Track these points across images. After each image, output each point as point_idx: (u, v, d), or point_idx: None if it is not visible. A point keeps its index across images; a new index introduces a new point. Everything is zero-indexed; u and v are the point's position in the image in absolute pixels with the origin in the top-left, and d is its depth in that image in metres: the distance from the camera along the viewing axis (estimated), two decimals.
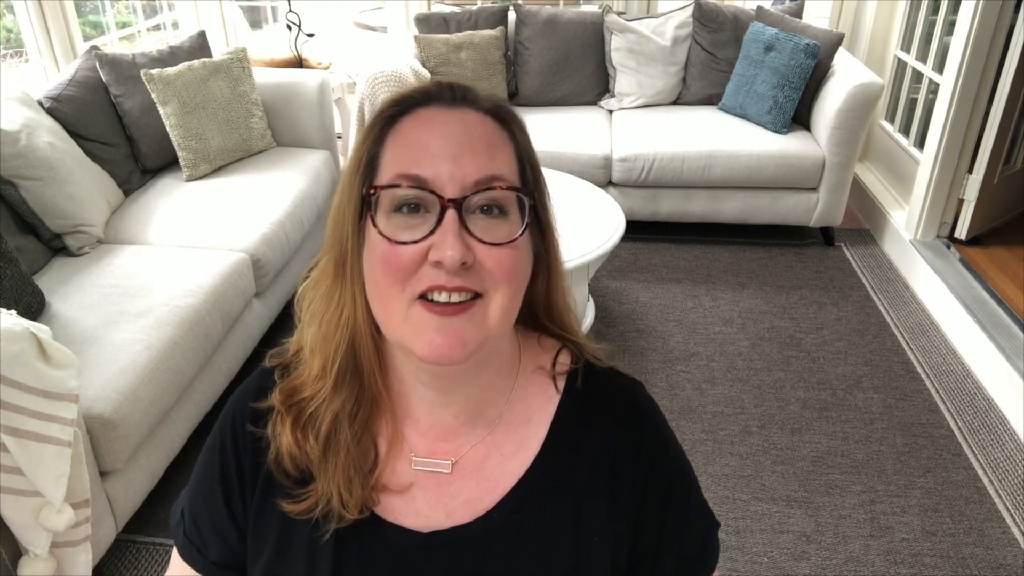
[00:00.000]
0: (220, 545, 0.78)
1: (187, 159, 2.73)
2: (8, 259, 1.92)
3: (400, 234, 0.64)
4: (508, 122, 0.70)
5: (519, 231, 0.66)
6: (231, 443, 0.77)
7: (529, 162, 0.71)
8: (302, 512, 0.73)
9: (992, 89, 2.84)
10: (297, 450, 0.72)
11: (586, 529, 0.74)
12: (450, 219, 0.63)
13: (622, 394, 0.78)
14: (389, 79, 3.16)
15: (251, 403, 0.77)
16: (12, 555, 1.57)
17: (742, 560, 1.88)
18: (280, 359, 0.79)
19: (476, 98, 0.70)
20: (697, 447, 2.23)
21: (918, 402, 2.42)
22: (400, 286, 0.64)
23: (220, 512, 0.78)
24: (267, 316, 2.53)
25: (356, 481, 0.72)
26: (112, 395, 1.73)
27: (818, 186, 3.24)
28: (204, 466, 0.80)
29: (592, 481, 0.74)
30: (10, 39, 3.48)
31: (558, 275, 0.77)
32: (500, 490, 0.74)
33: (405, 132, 0.67)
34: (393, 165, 0.66)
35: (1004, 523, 1.98)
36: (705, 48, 3.55)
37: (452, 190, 0.63)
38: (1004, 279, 2.81)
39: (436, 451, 0.74)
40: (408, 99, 0.69)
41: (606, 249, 2.36)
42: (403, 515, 0.74)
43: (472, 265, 0.63)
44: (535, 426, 0.76)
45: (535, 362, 0.78)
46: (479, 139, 0.66)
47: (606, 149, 3.23)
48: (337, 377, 0.72)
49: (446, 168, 0.64)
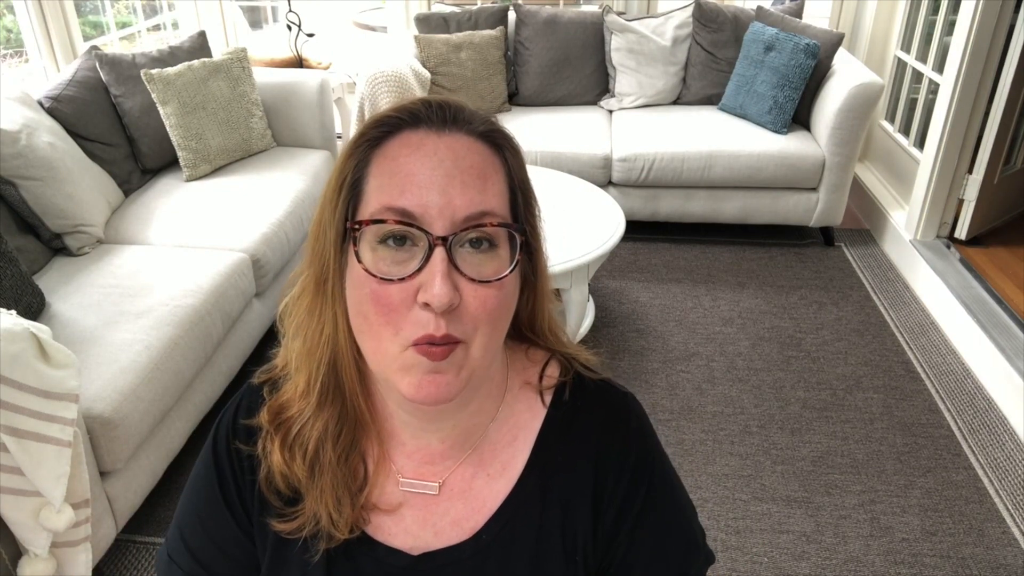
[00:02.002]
0: (227, 564, 0.78)
1: (187, 159, 2.73)
2: (8, 259, 1.92)
3: (387, 269, 0.61)
4: (501, 146, 0.67)
5: (508, 268, 0.63)
6: (226, 460, 0.76)
7: (521, 187, 0.68)
8: (293, 531, 0.72)
9: (992, 89, 2.84)
10: (287, 469, 0.72)
11: (572, 544, 0.74)
12: (438, 258, 0.60)
13: (610, 407, 0.77)
14: (389, 79, 3.16)
15: (241, 420, 0.76)
16: (12, 555, 1.57)
17: (742, 560, 1.88)
18: (268, 375, 0.77)
19: (468, 119, 0.66)
20: (697, 447, 2.23)
21: (918, 402, 2.42)
22: (392, 328, 0.61)
23: (227, 527, 0.77)
24: (267, 316, 2.53)
25: (345, 501, 0.71)
26: (112, 395, 1.72)
27: (818, 186, 3.24)
28: (200, 489, 0.78)
29: (577, 496, 0.74)
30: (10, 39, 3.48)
31: (543, 296, 0.75)
32: (487, 510, 0.73)
33: (392, 157, 0.63)
34: (379, 194, 0.62)
35: (1004, 523, 1.98)
36: (705, 48, 3.55)
37: (441, 226, 0.60)
38: (1004, 279, 2.81)
39: (423, 473, 0.74)
40: (394, 120, 0.65)
41: (606, 249, 2.36)
42: (393, 535, 0.73)
43: (457, 306, 0.61)
44: (521, 444, 0.75)
45: (522, 377, 0.77)
46: (470, 169, 0.63)
47: (606, 149, 3.23)
48: (320, 395, 0.70)
49: (434, 201, 0.61)
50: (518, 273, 0.67)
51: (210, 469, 0.77)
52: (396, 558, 0.73)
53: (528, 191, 0.69)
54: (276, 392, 0.75)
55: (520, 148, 0.70)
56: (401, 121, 0.65)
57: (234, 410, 0.78)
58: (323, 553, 0.72)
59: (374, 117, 0.66)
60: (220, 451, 0.77)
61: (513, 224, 0.65)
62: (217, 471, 0.76)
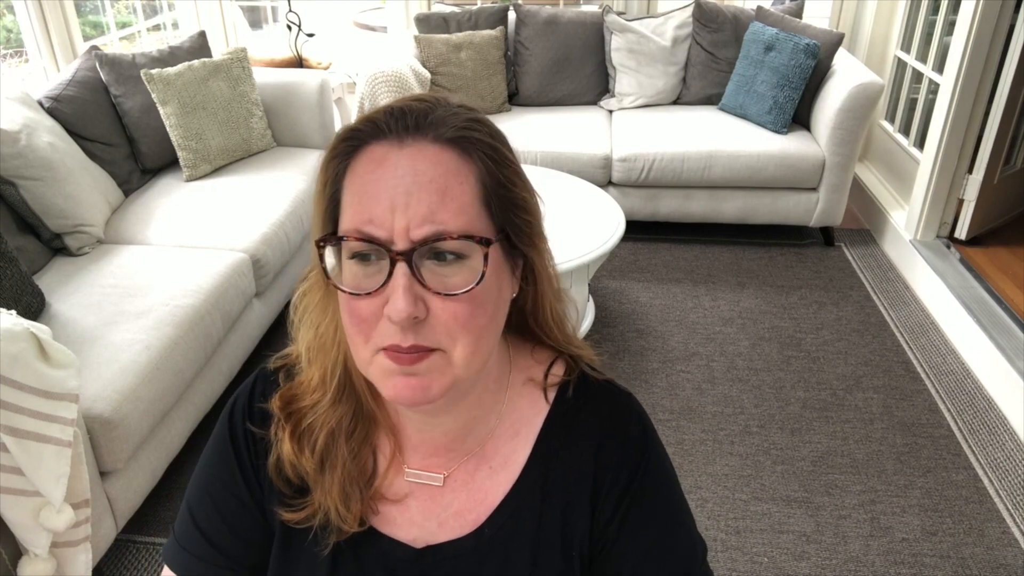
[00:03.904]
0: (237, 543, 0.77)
1: (187, 159, 2.73)
2: (8, 259, 1.92)
3: (357, 284, 0.62)
4: (470, 150, 0.63)
5: (476, 279, 0.62)
6: (241, 439, 0.77)
7: (499, 191, 0.64)
8: (301, 521, 0.73)
9: (992, 89, 2.84)
10: (295, 459, 0.73)
11: (571, 540, 0.74)
12: (399, 273, 0.60)
13: (613, 406, 0.77)
14: (389, 79, 3.16)
15: (257, 404, 0.77)
16: (12, 555, 1.57)
17: (742, 560, 1.88)
18: (284, 361, 0.78)
19: (436, 123, 0.63)
20: (697, 447, 2.23)
21: (918, 402, 2.42)
22: (363, 336, 0.63)
23: (241, 503, 0.76)
24: (267, 316, 2.53)
25: (354, 496, 0.72)
26: (112, 395, 1.72)
27: (818, 186, 3.24)
28: (213, 466, 0.78)
29: (577, 492, 0.74)
30: (10, 39, 3.48)
31: (544, 296, 0.74)
32: (489, 503, 0.74)
33: (359, 174, 0.63)
34: (348, 211, 0.63)
35: (1004, 523, 1.98)
36: (705, 48, 3.55)
37: (401, 243, 0.60)
38: (1004, 279, 2.81)
39: (429, 464, 0.75)
40: (359, 132, 0.64)
41: (606, 249, 2.36)
42: (398, 525, 0.74)
43: (425, 318, 0.61)
44: (523, 439, 0.76)
45: (526, 374, 0.77)
46: (429, 184, 0.61)
47: (606, 149, 3.23)
48: (336, 391, 0.72)
49: (392, 220, 0.60)
50: (503, 279, 0.67)
51: (226, 445, 0.77)
52: (401, 551, 0.74)
53: (510, 193, 0.66)
54: (290, 380, 0.76)
55: (503, 147, 0.67)
56: (366, 133, 0.64)
57: (249, 392, 0.79)
58: (331, 547, 0.73)
59: (342, 129, 0.66)
60: (236, 430, 0.77)
61: (474, 236, 0.62)
62: (233, 448, 0.77)
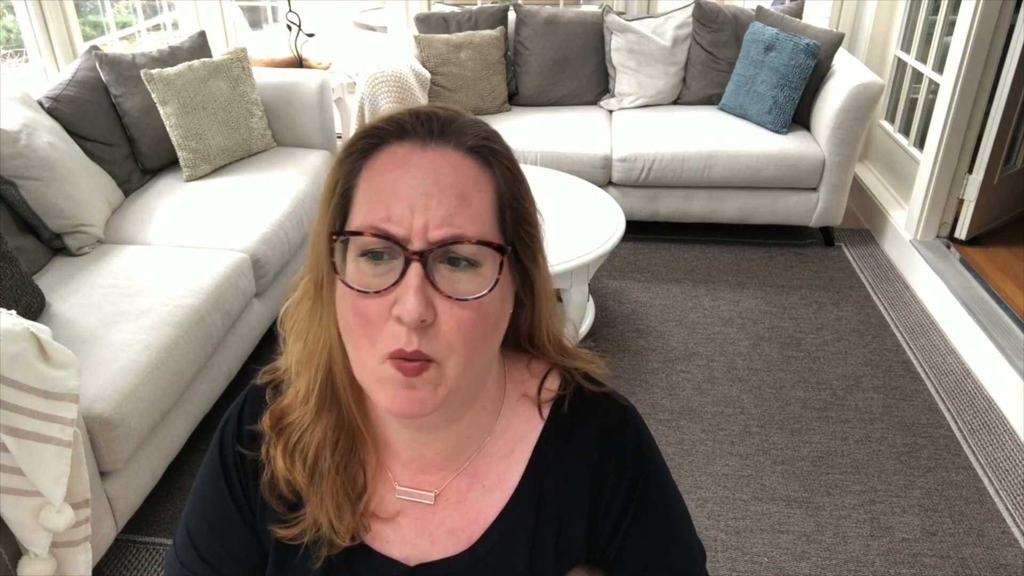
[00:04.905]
0: (236, 566, 0.78)
1: (187, 159, 2.73)
2: (8, 259, 1.92)
3: (366, 282, 0.62)
4: (491, 160, 0.65)
5: (488, 286, 0.62)
6: (232, 464, 0.77)
7: (512, 204, 0.66)
8: (294, 537, 0.73)
9: (992, 89, 2.84)
10: (289, 475, 0.72)
11: (566, 557, 0.74)
12: (413, 273, 0.60)
13: (608, 420, 0.76)
14: (389, 79, 3.16)
15: (245, 426, 0.77)
16: (12, 555, 1.57)
17: (742, 560, 1.88)
18: (272, 376, 0.77)
19: (459, 132, 0.64)
20: (697, 447, 2.23)
21: (918, 402, 2.42)
22: (369, 339, 0.62)
23: (235, 529, 0.77)
24: (267, 316, 2.53)
25: (346, 508, 0.72)
26: (112, 395, 1.72)
27: (818, 186, 3.24)
28: (207, 493, 0.78)
29: (573, 509, 0.74)
30: (10, 39, 3.48)
31: (541, 312, 0.73)
32: (482, 521, 0.73)
33: (378, 171, 0.63)
34: (363, 208, 0.63)
35: (1004, 523, 1.98)
36: (705, 48, 3.55)
37: (417, 243, 0.60)
38: (1004, 279, 2.81)
39: (419, 482, 0.74)
40: (383, 131, 0.65)
41: (606, 249, 2.36)
42: (391, 542, 0.74)
43: (432, 323, 0.61)
44: (517, 457, 0.75)
45: (520, 389, 0.76)
46: (450, 188, 0.62)
47: (606, 149, 3.23)
48: (318, 401, 0.71)
49: (412, 219, 0.60)
50: (507, 292, 0.67)
51: (216, 473, 0.77)
52: (394, 568, 0.73)
53: (521, 207, 0.67)
54: (279, 395, 0.75)
55: (516, 162, 0.68)
56: (389, 133, 0.65)
57: (238, 414, 0.78)
58: (323, 561, 0.72)
59: (363, 128, 0.66)
60: (226, 455, 0.77)
61: (492, 243, 0.62)
62: (224, 474, 0.77)
